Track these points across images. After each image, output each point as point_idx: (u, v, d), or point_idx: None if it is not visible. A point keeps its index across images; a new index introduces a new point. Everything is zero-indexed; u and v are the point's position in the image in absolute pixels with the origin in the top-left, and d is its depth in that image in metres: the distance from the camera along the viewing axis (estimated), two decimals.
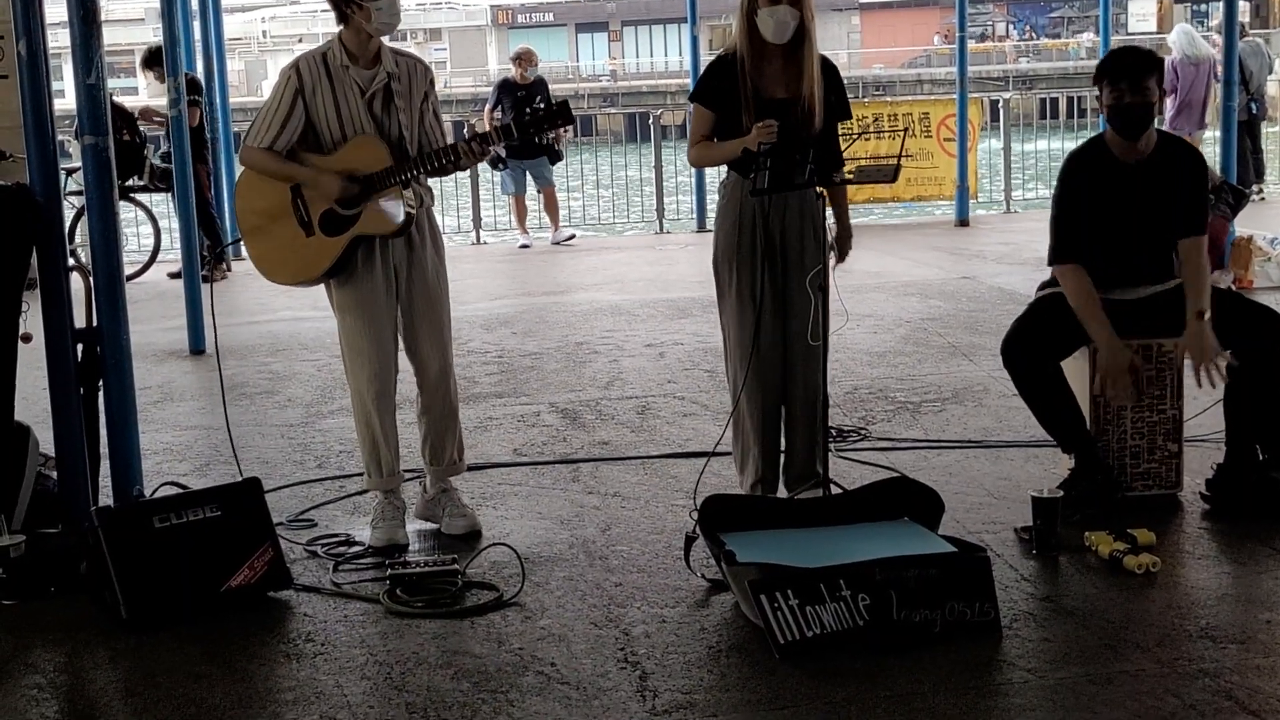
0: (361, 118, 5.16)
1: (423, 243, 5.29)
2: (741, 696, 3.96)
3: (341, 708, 3.96)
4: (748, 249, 5.34)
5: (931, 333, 8.94)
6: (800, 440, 5.46)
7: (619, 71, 65.83)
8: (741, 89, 5.27)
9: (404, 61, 5.29)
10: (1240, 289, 9.42)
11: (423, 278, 5.28)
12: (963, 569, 4.32)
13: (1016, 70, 53.26)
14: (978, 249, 12.80)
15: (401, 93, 5.20)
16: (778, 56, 5.29)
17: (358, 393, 5.33)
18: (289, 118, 5.15)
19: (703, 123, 5.43)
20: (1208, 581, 4.73)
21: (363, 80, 5.17)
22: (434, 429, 5.41)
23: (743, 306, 5.36)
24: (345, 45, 5.18)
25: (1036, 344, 5.36)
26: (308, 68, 5.17)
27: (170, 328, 9.85)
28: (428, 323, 5.31)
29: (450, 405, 5.42)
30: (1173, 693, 3.87)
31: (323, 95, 5.15)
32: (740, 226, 5.35)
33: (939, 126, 14.87)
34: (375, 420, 5.30)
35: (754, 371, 5.34)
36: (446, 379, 5.38)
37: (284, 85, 5.16)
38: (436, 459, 5.44)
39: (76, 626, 4.59)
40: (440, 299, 5.36)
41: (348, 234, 5.14)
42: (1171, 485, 5.50)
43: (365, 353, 5.24)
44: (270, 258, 5.32)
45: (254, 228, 5.33)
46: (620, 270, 12.43)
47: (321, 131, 5.18)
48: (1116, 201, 5.38)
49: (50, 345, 5.11)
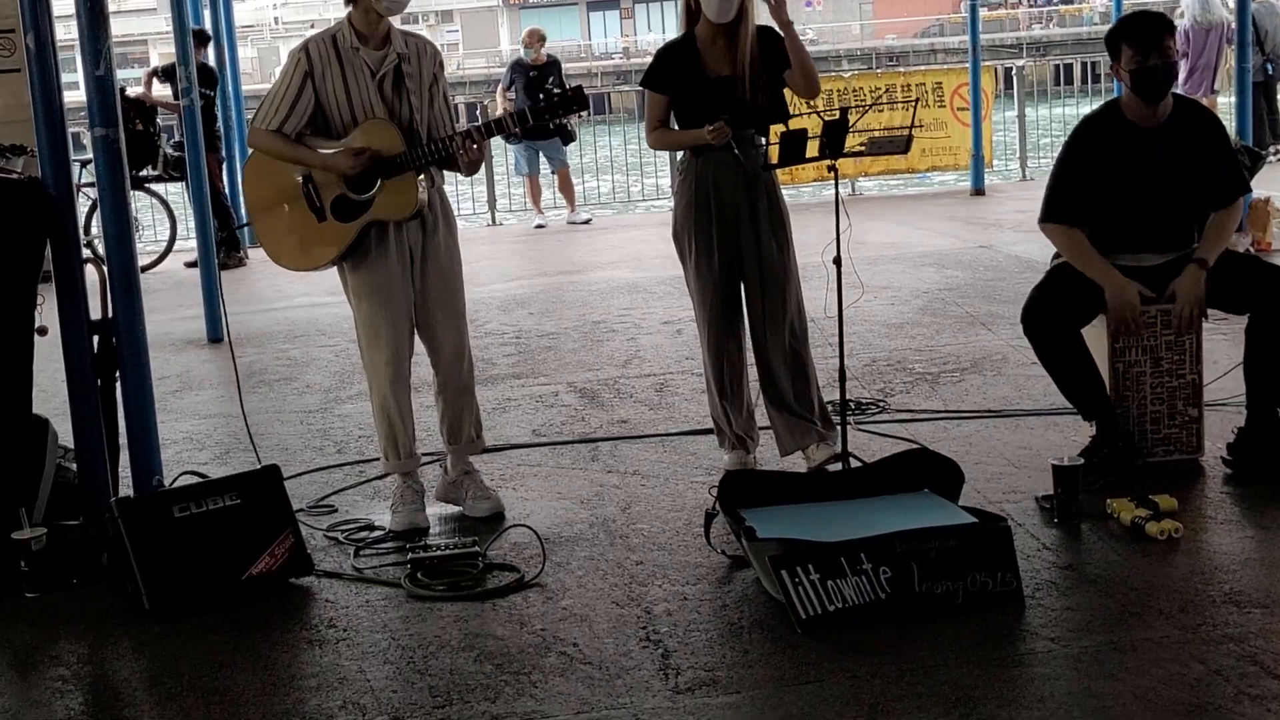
0: (372, 100, 5.14)
1: (435, 224, 5.27)
2: (764, 672, 3.96)
3: (365, 692, 3.96)
4: (705, 223, 5.52)
5: (949, 303, 8.91)
6: (791, 394, 5.57)
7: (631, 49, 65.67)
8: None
9: (414, 43, 5.26)
10: (1258, 251, 9.38)
11: (436, 259, 5.27)
12: (984, 539, 4.31)
13: (1030, 37, 53.01)
14: (994, 218, 12.74)
15: (412, 75, 5.18)
16: (721, 35, 5.46)
17: (374, 376, 5.32)
18: (298, 100, 5.13)
19: (657, 107, 5.63)
20: (1230, 546, 4.71)
21: (373, 61, 5.15)
22: (450, 407, 5.41)
23: (700, 274, 5.58)
24: (354, 26, 5.15)
25: (1056, 311, 5.34)
26: (317, 50, 5.14)
27: (187, 317, 9.87)
28: (442, 303, 5.30)
29: (465, 384, 5.42)
30: (1197, 659, 3.86)
31: (332, 77, 5.12)
32: (696, 202, 5.54)
33: (952, 96, 14.79)
34: (392, 403, 5.30)
35: (710, 334, 5.61)
36: (461, 359, 5.38)
37: (293, 67, 5.15)
38: (454, 437, 5.44)
39: (99, 617, 4.60)
40: (454, 279, 5.35)
41: (361, 220, 5.13)
42: (1192, 450, 5.47)
43: (381, 336, 5.24)
44: (280, 242, 5.31)
45: (263, 212, 5.31)
46: (636, 248, 12.41)
47: (331, 114, 5.16)
48: (1133, 167, 5.35)
49: (66, 337, 5.12)
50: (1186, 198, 5.41)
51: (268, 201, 5.29)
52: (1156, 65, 5.27)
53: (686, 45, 5.52)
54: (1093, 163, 5.40)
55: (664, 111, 5.60)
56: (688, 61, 5.50)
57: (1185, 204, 5.41)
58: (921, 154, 14.55)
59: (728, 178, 5.46)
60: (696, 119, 5.44)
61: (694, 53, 5.49)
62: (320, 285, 10.13)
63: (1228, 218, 5.45)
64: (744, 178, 5.47)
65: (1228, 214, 5.46)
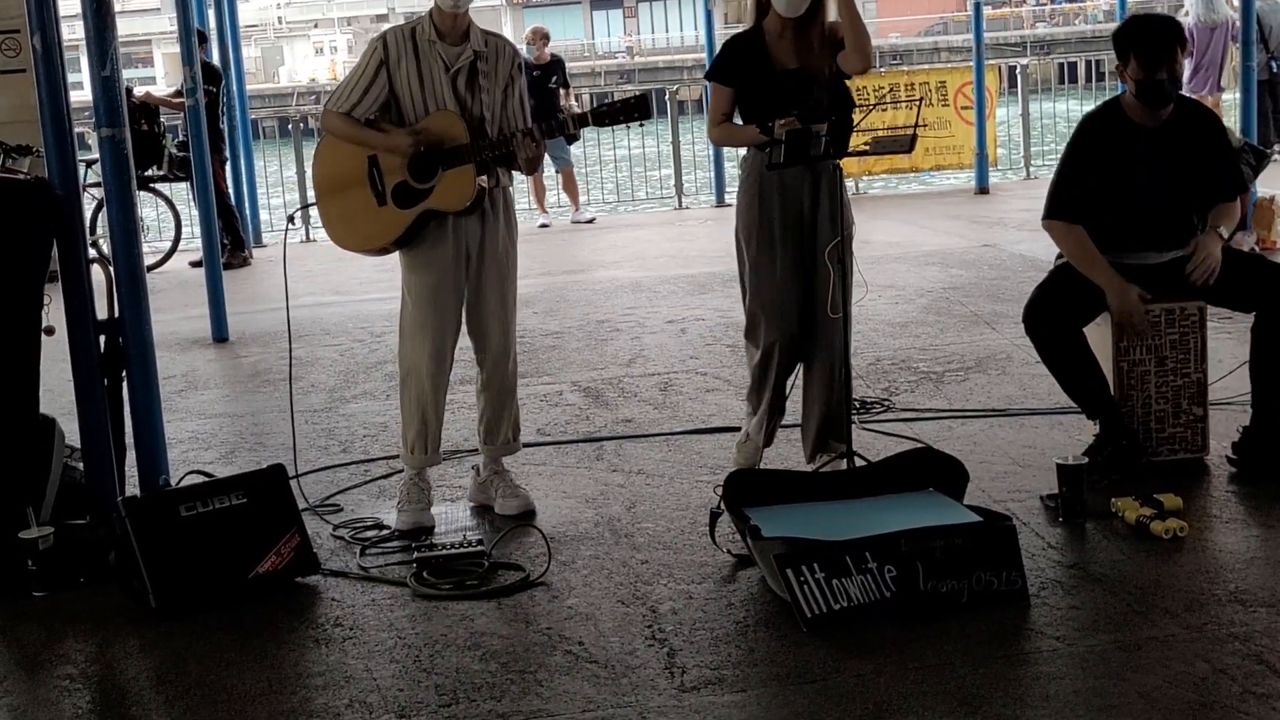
0: (445, 93, 5.16)
1: (495, 221, 5.29)
2: (769, 671, 3.97)
3: (371, 691, 3.97)
4: (768, 223, 5.40)
5: (953, 302, 8.91)
6: (818, 409, 5.49)
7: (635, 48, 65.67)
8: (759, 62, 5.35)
9: (493, 41, 5.29)
10: (1264, 250, 9.38)
11: (494, 256, 5.30)
12: (989, 538, 4.32)
13: (1034, 35, 52.96)
14: (998, 216, 12.74)
15: (487, 73, 5.21)
16: (790, 28, 5.36)
17: (414, 368, 5.32)
18: (370, 86, 5.18)
19: (721, 100, 5.50)
20: (1236, 545, 4.72)
21: (449, 56, 5.17)
22: (491, 406, 5.42)
23: (761, 279, 5.43)
24: (434, 21, 5.20)
25: (1059, 310, 5.34)
26: (394, 40, 5.20)
27: (193, 316, 9.87)
28: (495, 300, 5.32)
29: (508, 384, 5.43)
30: (1203, 658, 3.86)
31: (407, 67, 5.16)
32: (761, 200, 5.41)
33: (956, 95, 14.79)
34: (430, 397, 5.31)
35: (770, 336, 5.45)
36: (508, 357, 5.40)
37: (370, 55, 5.20)
38: (491, 438, 5.46)
39: (106, 616, 4.61)
40: (509, 278, 5.37)
41: (418, 207, 5.15)
42: (1197, 449, 5.48)
43: (429, 328, 5.25)
44: (340, 223, 5.34)
45: (328, 192, 5.35)
46: (640, 247, 12.42)
47: (405, 105, 5.19)
48: (1133, 165, 5.35)
49: (73, 337, 5.13)
50: (1187, 197, 5.41)
51: (333, 183, 5.32)
52: (1163, 80, 5.26)
53: (754, 38, 5.43)
54: (1094, 160, 5.40)
55: (729, 105, 5.48)
56: (755, 54, 5.40)
57: (1185, 203, 5.42)
58: (925, 153, 14.54)
59: (792, 175, 5.34)
60: (763, 113, 5.32)
61: (761, 46, 5.40)
62: (325, 285, 10.16)
63: (1230, 208, 5.47)
64: (809, 175, 5.36)
65: (1229, 206, 5.48)
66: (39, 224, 5.06)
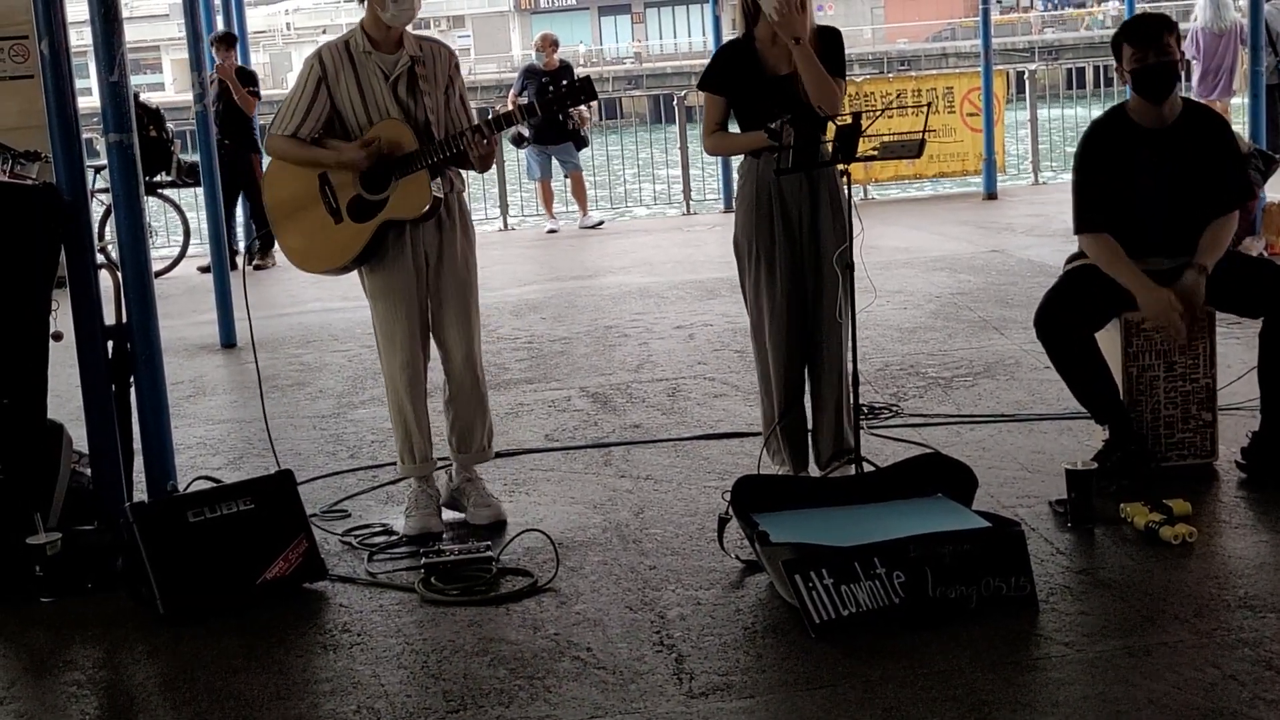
0: (387, 102, 5.17)
1: (453, 228, 5.29)
2: (778, 677, 3.96)
3: (379, 697, 3.97)
4: (766, 229, 5.39)
5: (962, 307, 8.90)
6: (828, 417, 5.47)
7: (643, 54, 65.71)
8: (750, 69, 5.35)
9: (427, 46, 5.30)
10: (1272, 255, 9.35)
11: (452, 263, 5.29)
12: (998, 544, 4.31)
13: (1042, 41, 52.95)
14: (1007, 222, 12.73)
15: (426, 77, 5.22)
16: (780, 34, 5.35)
17: (390, 379, 5.34)
18: (312, 104, 5.18)
19: (715, 110, 5.47)
20: (1245, 551, 4.70)
21: (386, 65, 5.18)
22: (462, 416, 5.41)
23: (760, 286, 5.42)
24: (367, 31, 5.20)
25: (1069, 315, 5.33)
26: (330, 55, 5.19)
27: (201, 322, 9.88)
28: (455, 308, 5.31)
29: (478, 392, 5.41)
30: (1212, 663, 3.85)
31: (346, 82, 5.17)
32: (758, 206, 5.40)
33: (962, 101, 14.77)
34: (408, 407, 5.31)
35: (774, 344, 5.41)
36: (473, 366, 5.37)
37: (307, 73, 5.20)
38: (464, 446, 5.43)
39: (114, 622, 4.61)
40: (468, 285, 5.35)
41: (376, 219, 5.15)
42: (1206, 454, 5.46)
43: (397, 339, 5.26)
44: (301, 247, 5.34)
45: (284, 217, 5.35)
46: (648, 252, 12.41)
47: (348, 118, 5.20)
48: (1140, 170, 5.35)
49: (81, 343, 5.13)
50: (1194, 201, 5.39)
51: (287, 206, 5.32)
52: (1155, 63, 5.26)
53: (745, 46, 5.42)
54: (1102, 168, 5.39)
55: (722, 114, 5.46)
56: (747, 62, 5.39)
57: (1193, 208, 5.40)
58: (930, 160, 14.51)
59: (790, 180, 5.32)
60: (757, 119, 5.32)
61: (753, 53, 5.39)
62: (333, 290, 10.16)
63: (1225, 224, 5.41)
64: (806, 180, 5.35)
65: (1226, 220, 5.41)
66: (47, 229, 5.07)
